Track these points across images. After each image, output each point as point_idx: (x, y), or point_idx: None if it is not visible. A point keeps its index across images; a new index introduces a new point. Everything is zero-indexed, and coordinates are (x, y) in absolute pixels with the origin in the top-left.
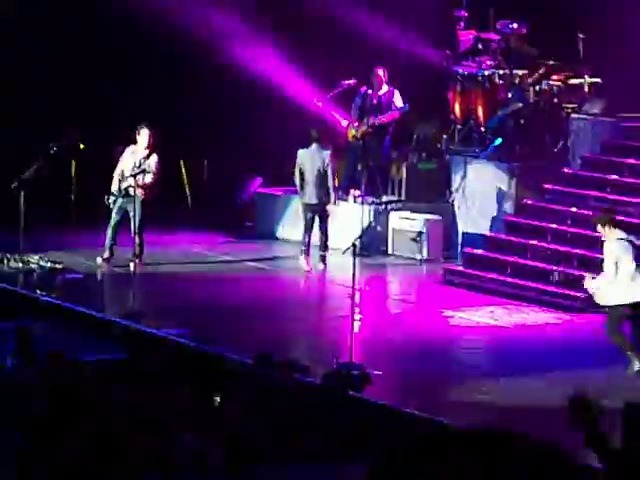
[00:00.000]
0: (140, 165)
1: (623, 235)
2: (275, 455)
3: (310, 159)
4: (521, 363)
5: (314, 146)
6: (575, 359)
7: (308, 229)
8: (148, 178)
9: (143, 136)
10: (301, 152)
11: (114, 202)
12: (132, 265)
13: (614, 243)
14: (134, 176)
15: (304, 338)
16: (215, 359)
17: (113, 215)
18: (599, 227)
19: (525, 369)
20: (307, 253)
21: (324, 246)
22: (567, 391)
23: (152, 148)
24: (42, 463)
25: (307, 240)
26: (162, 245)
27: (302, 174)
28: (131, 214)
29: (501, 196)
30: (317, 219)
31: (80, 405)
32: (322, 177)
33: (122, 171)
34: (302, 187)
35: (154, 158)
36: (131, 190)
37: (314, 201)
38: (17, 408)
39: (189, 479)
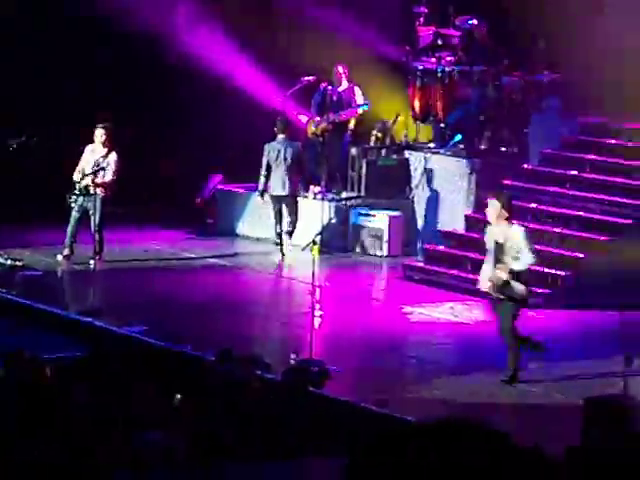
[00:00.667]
0: (99, 163)
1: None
2: (240, 451)
3: (278, 151)
4: (481, 359)
5: (281, 137)
6: (535, 355)
7: (278, 221)
8: (107, 176)
9: (98, 135)
10: (269, 145)
11: (75, 200)
12: (92, 262)
13: (519, 231)
14: (93, 174)
15: (265, 335)
16: (177, 356)
17: (73, 213)
18: (497, 209)
19: (484, 365)
20: (280, 244)
21: (292, 225)
22: (522, 387)
23: (111, 146)
24: (4, 462)
25: (279, 231)
26: (123, 243)
27: (269, 167)
28: (91, 212)
29: (461, 192)
30: (285, 210)
31: (42, 403)
32: (290, 168)
33: (82, 169)
34: (267, 179)
35: (113, 156)
36: (91, 188)
37: (282, 192)
38: None
39: (159, 476)
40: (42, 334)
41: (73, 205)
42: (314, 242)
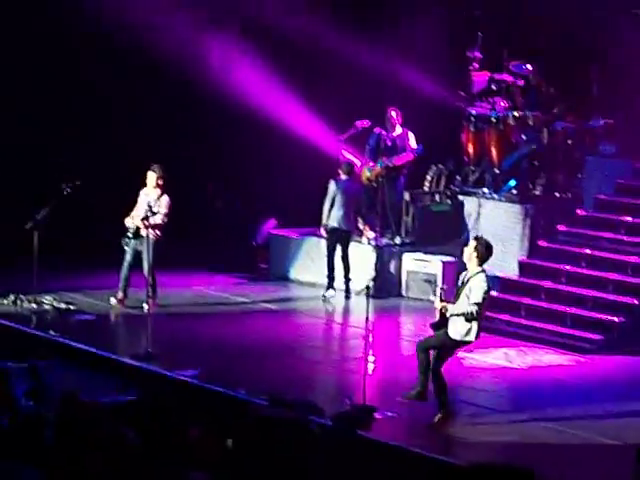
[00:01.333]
0: (151, 207)
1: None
2: None
3: (343, 189)
4: (535, 404)
5: (345, 178)
6: (589, 401)
7: (330, 255)
8: (158, 219)
9: (150, 178)
10: (335, 182)
11: (127, 243)
12: (145, 306)
13: (482, 275)
14: (145, 218)
15: (317, 379)
16: (228, 400)
17: (126, 256)
18: (469, 251)
19: (538, 410)
20: (331, 278)
21: (347, 276)
22: (580, 433)
23: (163, 189)
24: None
25: (331, 265)
26: (176, 286)
27: (332, 203)
28: (143, 255)
29: (514, 237)
30: (339, 247)
31: (91, 444)
32: (351, 207)
33: (136, 212)
34: (329, 212)
35: (165, 199)
36: (143, 231)
37: (341, 226)
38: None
39: None
40: (94, 377)
41: (126, 248)
42: (368, 287)
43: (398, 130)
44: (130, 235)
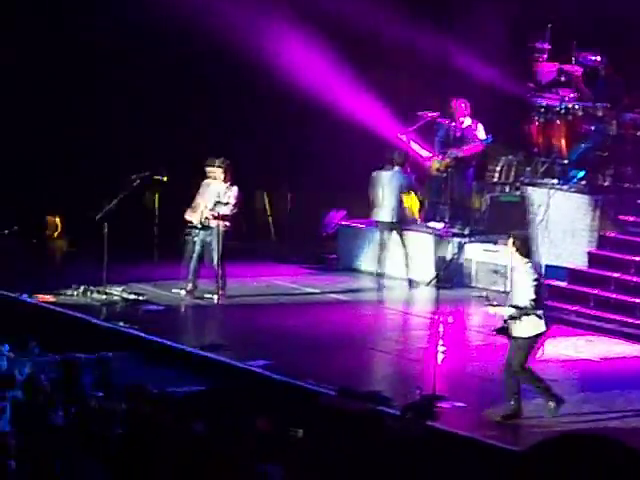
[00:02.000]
0: (220, 197)
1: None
2: None
3: (389, 179)
4: (604, 395)
5: (395, 169)
6: None
7: (382, 249)
8: (227, 209)
9: (217, 172)
10: (379, 173)
11: (197, 234)
12: (214, 297)
13: (527, 267)
14: (213, 208)
15: (386, 370)
16: (297, 391)
17: (195, 247)
18: (513, 252)
19: (608, 400)
20: (382, 274)
21: (408, 266)
22: None
23: (232, 180)
24: None
25: (382, 260)
26: (244, 277)
27: (378, 194)
28: (212, 246)
29: (583, 228)
30: (393, 239)
31: (159, 438)
32: (399, 197)
33: (199, 204)
34: (377, 205)
35: (234, 190)
36: (212, 222)
37: (389, 219)
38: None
39: None
40: (164, 369)
41: (195, 239)
42: (437, 277)
43: (467, 121)
44: (198, 226)
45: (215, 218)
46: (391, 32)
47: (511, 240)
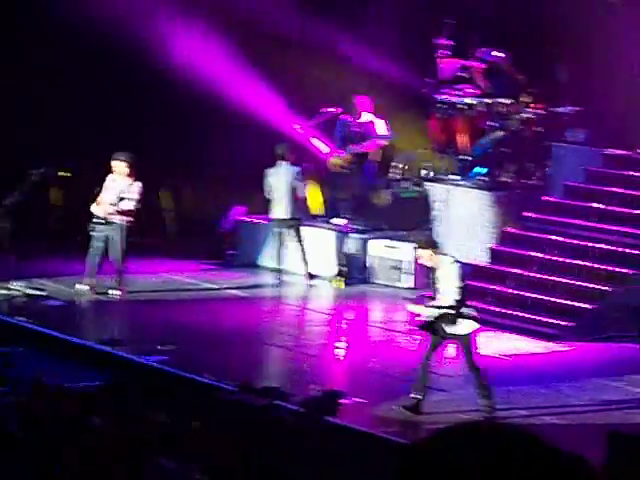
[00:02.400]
0: (123, 193)
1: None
2: None
3: (277, 176)
4: (504, 390)
5: (281, 163)
6: (558, 387)
7: (279, 245)
8: (130, 205)
9: (119, 167)
10: (268, 171)
11: (99, 230)
12: (114, 292)
13: (453, 266)
14: (116, 204)
15: (285, 365)
16: (195, 386)
17: (95, 242)
18: (425, 255)
19: (507, 397)
20: (279, 270)
21: (305, 261)
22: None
23: (134, 176)
24: None
25: (278, 256)
26: (144, 273)
27: (270, 191)
28: (113, 241)
29: (483, 224)
30: (290, 235)
31: (62, 431)
32: (290, 193)
33: (104, 199)
34: (271, 204)
35: (137, 185)
36: (113, 217)
37: (283, 216)
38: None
39: None
40: (62, 363)
41: (94, 234)
42: (341, 275)
43: (366, 117)
44: (101, 221)
45: (118, 213)
46: (295, 26)
47: (422, 252)
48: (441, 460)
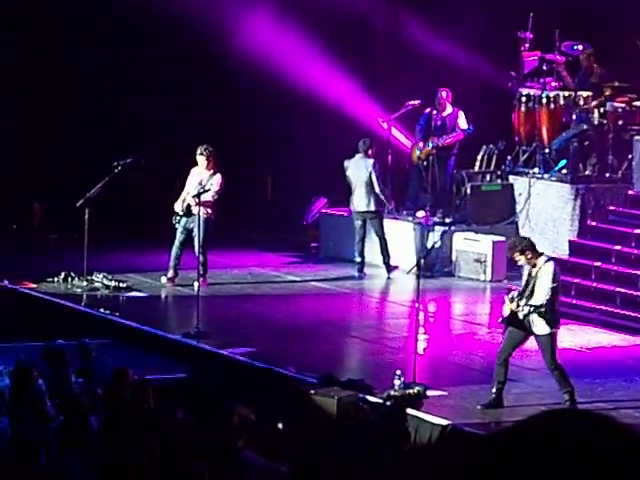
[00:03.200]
0: (203, 185)
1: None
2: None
3: (355, 168)
4: (585, 384)
5: (358, 156)
6: (638, 380)
7: (360, 237)
8: (209, 196)
9: (201, 160)
10: (346, 163)
11: (178, 222)
12: (196, 284)
13: (549, 267)
14: (197, 195)
15: (369, 358)
16: (279, 378)
17: (177, 235)
18: (520, 256)
19: (590, 390)
20: (361, 262)
21: (385, 253)
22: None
23: (215, 168)
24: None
25: (360, 249)
26: (227, 265)
27: (349, 183)
28: (194, 233)
29: (565, 218)
30: (370, 227)
31: (144, 423)
32: (369, 185)
33: (186, 191)
34: (351, 194)
35: (217, 177)
36: (194, 209)
37: (363, 208)
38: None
39: None
40: (146, 356)
41: (177, 227)
42: (418, 266)
43: (448, 110)
44: (181, 213)
45: (197, 205)
46: (374, 19)
47: (518, 255)
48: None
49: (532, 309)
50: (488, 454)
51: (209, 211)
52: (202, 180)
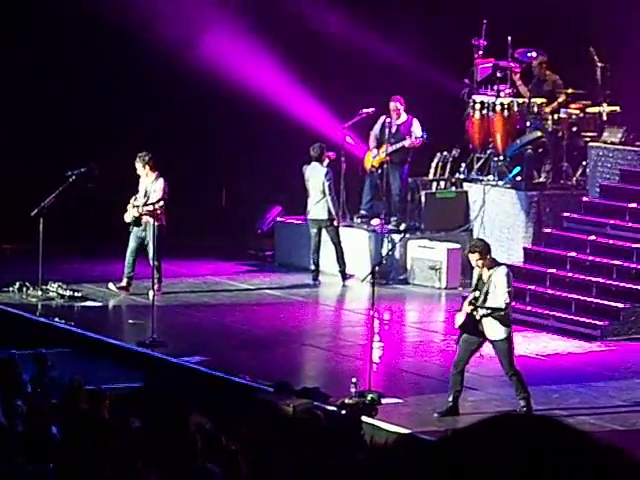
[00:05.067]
0: (148, 194)
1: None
2: None
3: (311, 175)
4: (543, 391)
5: (314, 164)
6: (595, 386)
7: (315, 246)
8: (154, 200)
9: (138, 167)
10: (304, 168)
11: (130, 231)
12: (151, 293)
13: (503, 270)
14: (144, 204)
15: (323, 366)
16: (233, 387)
17: (130, 243)
18: (477, 258)
19: (544, 397)
20: (316, 270)
21: (341, 261)
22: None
23: (156, 173)
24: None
25: (315, 257)
26: (181, 274)
27: (306, 190)
28: (146, 242)
29: (520, 225)
30: (325, 235)
31: (100, 433)
32: (323, 193)
33: (133, 200)
34: (307, 203)
35: (159, 183)
36: (144, 218)
37: (318, 216)
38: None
39: None
40: (100, 364)
41: (131, 235)
42: (373, 274)
43: (403, 117)
44: (130, 222)
45: (145, 214)
46: (328, 28)
47: (474, 255)
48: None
49: (489, 312)
50: (439, 459)
51: (159, 218)
52: (147, 188)
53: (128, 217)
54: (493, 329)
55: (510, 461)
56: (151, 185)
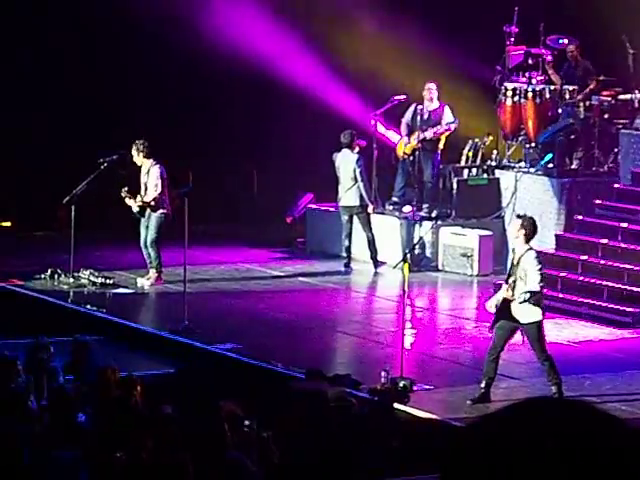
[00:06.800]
0: (146, 185)
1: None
2: (327, 472)
3: (342, 162)
4: (574, 379)
5: (345, 151)
6: (629, 374)
7: (347, 233)
8: (151, 195)
9: (135, 155)
10: (334, 156)
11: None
12: (139, 281)
13: (532, 254)
14: (145, 192)
15: (355, 353)
16: (265, 374)
17: (141, 234)
18: (518, 229)
19: (576, 385)
20: (348, 258)
21: (372, 248)
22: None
23: (151, 161)
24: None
25: (347, 244)
26: (212, 261)
27: (337, 177)
28: (146, 228)
29: (551, 212)
30: (357, 222)
31: (132, 420)
32: (355, 180)
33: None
34: (338, 190)
35: (154, 171)
36: (146, 208)
37: (349, 203)
38: (69, 422)
39: None
40: (132, 352)
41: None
42: (404, 260)
43: (435, 104)
44: (135, 214)
45: (145, 205)
46: (360, 14)
47: (519, 221)
48: (496, 437)
49: (527, 296)
50: (471, 443)
51: (162, 208)
52: (144, 180)
53: (134, 208)
54: (525, 312)
55: (542, 445)
56: (146, 176)
